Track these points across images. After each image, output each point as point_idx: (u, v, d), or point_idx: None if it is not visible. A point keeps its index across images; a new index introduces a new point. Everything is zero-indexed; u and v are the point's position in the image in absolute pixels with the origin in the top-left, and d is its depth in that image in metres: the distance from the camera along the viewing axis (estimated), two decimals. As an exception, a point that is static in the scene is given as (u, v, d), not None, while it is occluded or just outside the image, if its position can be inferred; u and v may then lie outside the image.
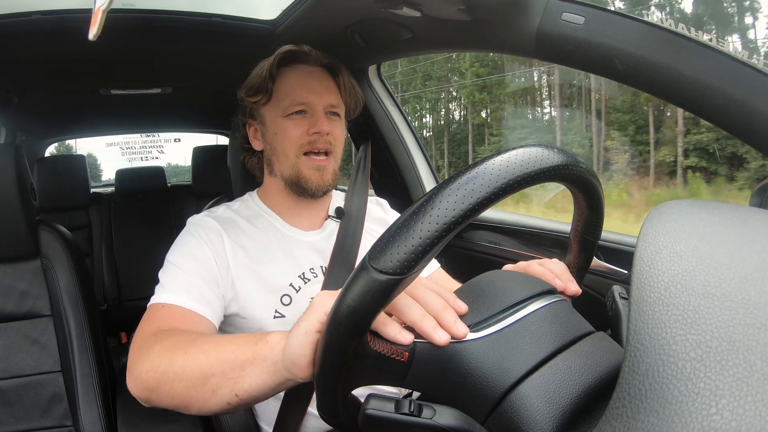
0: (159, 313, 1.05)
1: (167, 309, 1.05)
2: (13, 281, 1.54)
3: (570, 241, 0.84)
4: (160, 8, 1.52)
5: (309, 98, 1.23)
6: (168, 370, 0.84)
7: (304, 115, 1.23)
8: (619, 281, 1.29)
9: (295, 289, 1.20)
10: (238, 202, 1.34)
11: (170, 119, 3.68)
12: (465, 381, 0.59)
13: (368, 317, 0.55)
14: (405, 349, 0.60)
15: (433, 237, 0.51)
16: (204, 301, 1.08)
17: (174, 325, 1.01)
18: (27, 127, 3.26)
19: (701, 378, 0.38)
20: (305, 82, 1.25)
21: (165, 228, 3.24)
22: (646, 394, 0.40)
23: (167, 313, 1.04)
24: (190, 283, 1.09)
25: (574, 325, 0.65)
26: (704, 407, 0.36)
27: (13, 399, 1.48)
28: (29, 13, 1.42)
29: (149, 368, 0.87)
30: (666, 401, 0.38)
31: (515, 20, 1.07)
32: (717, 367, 0.38)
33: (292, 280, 1.21)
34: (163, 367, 0.85)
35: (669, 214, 0.55)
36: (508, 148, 0.57)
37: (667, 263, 0.47)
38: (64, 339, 1.53)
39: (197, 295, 1.08)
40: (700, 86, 0.88)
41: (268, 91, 1.26)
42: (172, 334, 0.94)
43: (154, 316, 1.04)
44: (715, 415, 0.35)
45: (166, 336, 0.93)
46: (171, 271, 1.12)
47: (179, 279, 1.10)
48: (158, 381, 0.85)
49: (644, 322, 0.43)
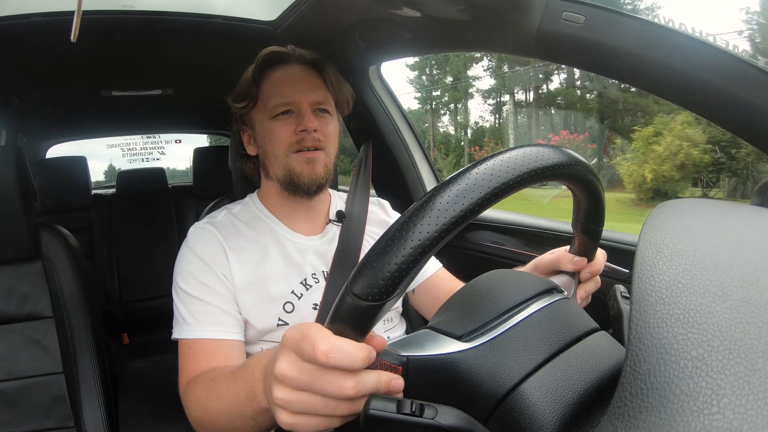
0: (191, 352, 1.11)
1: (196, 346, 1.11)
2: (15, 283, 1.54)
3: (573, 233, 0.84)
4: (160, 9, 1.52)
5: (293, 97, 1.23)
6: (208, 417, 0.92)
7: (291, 115, 1.23)
8: (620, 280, 1.29)
9: (297, 296, 1.21)
10: (238, 205, 1.34)
11: (171, 120, 3.68)
12: (460, 389, 0.60)
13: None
14: (398, 363, 0.60)
15: (409, 263, 0.51)
16: (225, 324, 1.13)
17: (205, 363, 1.08)
18: (28, 128, 3.26)
19: (703, 377, 0.38)
20: (289, 82, 1.25)
21: (166, 229, 3.26)
22: (647, 393, 0.40)
23: (198, 351, 1.10)
24: (207, 312, 1.13)
25: (572, 326, 0.65)
26: (706, 406, 0.36)
27: (16, 400, 1.49)
28: (29, 15, 1.42)
29: (197, 415, 0.97)
30: (668, 400, 0.38)
31: (515, 20, 1.07)
32: (719, 366, 0.38)
33: (294, 287, 1.21)
34: (204, 415, 0.93)
35: (670, 213, 0.55)
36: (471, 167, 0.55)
37: (669, 262, 0.47)
38: (65, 340, 1.54)
39: (217, 322, 1.12)
40: (701, 85, 0.88)
41: (254, 96, 1.26)
42: (202, 380, 1.01)
43: (187, 358, 1.11)
44: (717, 414, 0.35)
45: (199, 381, 1.01)
46: (186, 301, 1.15)
47: (197, 310, 1.13)
48: (207, 424, 0.94)
49: (646, 321, 0.43)
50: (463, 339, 0.63)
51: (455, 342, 0.64)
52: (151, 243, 3.18)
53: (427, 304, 1.38)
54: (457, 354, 0.61)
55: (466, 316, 0.66)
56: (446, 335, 0.65)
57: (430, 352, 0.62)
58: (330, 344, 0.54)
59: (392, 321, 1.34)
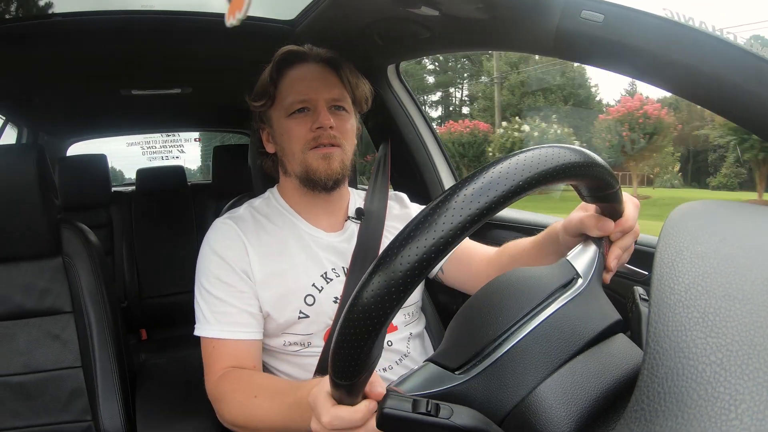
0: (216, 352, 1.17)
1: (220, 346, 1.17)
2: (35, 278, 1.56)
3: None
4: (179, 9, 1.53)
5: (309, 95, 1.24)
6: (250, 418, 1.04)
7: (307, 113, 1.24)
8: (639, 282, 1.28)
9: (318, 289, 1.22)
10: (259, 199, 1.36)
11: (190, 119, 3.71)
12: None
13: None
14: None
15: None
16: (245, 324, 1.18)
17: (231, 361, 1.15)
18: (48, 127, 3.31)
19: (721, 382, 0.37)
20: (305, 80, 1.26)
21: (185, 226, 3.28)
22: (664, 397, 0.39)
23: (223, 351, 1.17)
24: (227, 313, 1.18)
25: (579, 333, 0.63)
26: (723, 412, 0.36)
27: (34, 393, 1.51)
28: (49, 15, 1.44)
29: (230, 411, 1.09)
30: (685, 405, 0.37)
31: (534, 18, 1.07)
32: (737, 371, 0.37)
33: (314, 280, 1.22)
34: (242, 415, 1.06)
35: (690, 214, 0.54)
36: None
37: (688, 265, 0.46)
38: (84, 335, 1.56)
39: (237, 323, 1.17)
40: (723, 84, 0.86)
41: (271, 95, 1.27)
42: (235, 379, 1.12)
43: (213, 357, 1.17)
44: (735, 420, 0.35)
45: (231, 380, 1.12)
46: (208, 300, 1.19)
47: (218, 310, 1.18)
48: (244, 422, 1.06)
49: (664, 325, 0.42)
50: (457, 372, 0.64)
51: (451, 376, 0.64)
52: (170, 240, 3.20)
53: (461, 277, 1.35)
54: (454, 388, 0.62)
55: (461, 344, 0.67)
56: (444, 368, 0.66)
57: (430, 389, 0.63)
58: (331, 416, 0.65)
59: (412, 315, 1.34)
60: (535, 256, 1.10)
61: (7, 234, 1.52)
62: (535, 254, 1.10)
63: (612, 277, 0.85)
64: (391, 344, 1.25)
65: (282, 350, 1.22)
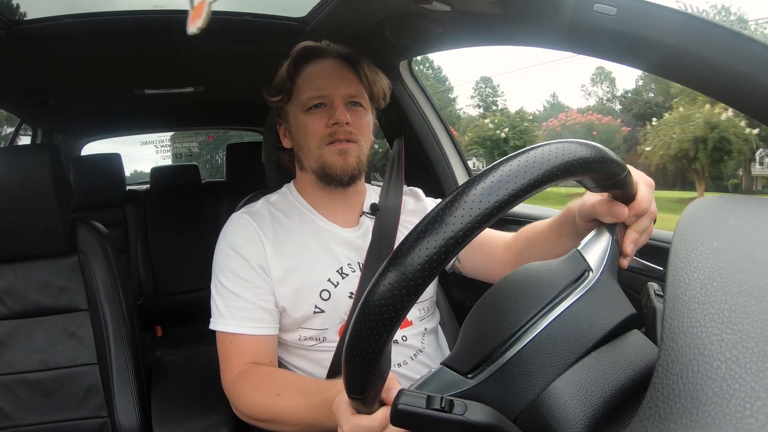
0: (233, 347, 1.17)
1: (237, 341, 1.17)
2: (52, 277, 1.59)
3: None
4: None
5: (326, 90, 1.24)
6: (275, 414, 1.06)
7: (324, 108, 1.24)
8: (654, 278, 1.27)
9: (334, 284, 1.22)
10: (276, 195, 1.36)
11: (204, 117, 3.72)
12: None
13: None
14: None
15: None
16: (260, 320, 1.18)
17: (248, 357, 1.16)
18: (63, 127, 3.34)
19: (736, 379, 0.37)
20: (322, 76, 1.26)
21: (199, 224, 3.29)
22: (679, 394, 0.39)
23: (240, 347, 1.17)
24: (243, 308, 1.18)
25: (588, 332, 0.62)
26: (739, 409, 0.35)
27: (51, 390, 1.53)
28: (61, 16, 1.45)
29: (251, 407, 1.10)
30: (700, 402, 0.37)
31: (546, 12, 1.06)
32: (753, 368, 0.37)
33: (330, 275, 1.23)
34: (264, 411, 1.08)
35: (705, 209, 0.54)
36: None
37: (704, 260, 0.46)
38: (100, 332, 1.58)
39: (253, 318, 1.18)
40: (738, 78, 0.85)
41: (288, 90, 1.27)
42: (256, 376, 1.13)
43: (230, 352, 1.18)
44: (750, 418, 0.34)
45: (251, 377, 1.13)
46: (224, 295, 1.20)
47: (234, 305, 1.18)
48: (266, 418, 1.08)
49: (679, 321, 0.42)
50: (469, 375, 0.64)
51: (464, 380, 0.64)
52: (185, 237, 3.22)
53: (481, 265, 1.33)
54: (466, 392, 0.63)
55: (472, 348, 0.66)
56: (456, 372, 0.66)
57: (443, 393, 0.61)
58: (350, 425, 0.70)
59: (427, 311, 1.33)
60: (553, 239, 1.08)
61: (23, 233, 1.54)
62: (553, 237, 1.08)
63: (625, 273, 0.83)
64: (405, 339, 1.25)
65: (297, 345, 1.23)
